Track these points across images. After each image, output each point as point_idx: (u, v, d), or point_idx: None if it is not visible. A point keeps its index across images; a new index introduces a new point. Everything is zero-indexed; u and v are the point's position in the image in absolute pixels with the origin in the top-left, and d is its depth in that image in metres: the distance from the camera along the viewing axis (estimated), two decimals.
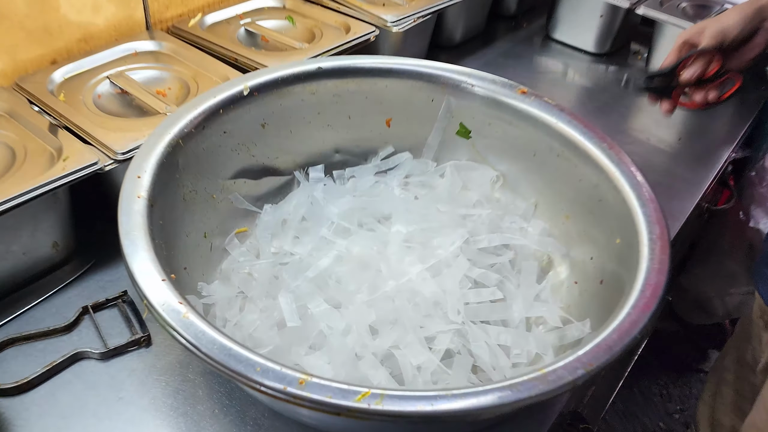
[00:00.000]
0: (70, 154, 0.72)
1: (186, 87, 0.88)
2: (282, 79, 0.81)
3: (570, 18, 1.35)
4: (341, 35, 1.02)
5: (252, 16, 1.07)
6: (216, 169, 0.77)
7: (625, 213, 0.68)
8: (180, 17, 1.02)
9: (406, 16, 1.08)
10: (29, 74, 0.85)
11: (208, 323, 0.51)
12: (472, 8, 1.28)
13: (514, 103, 0.83)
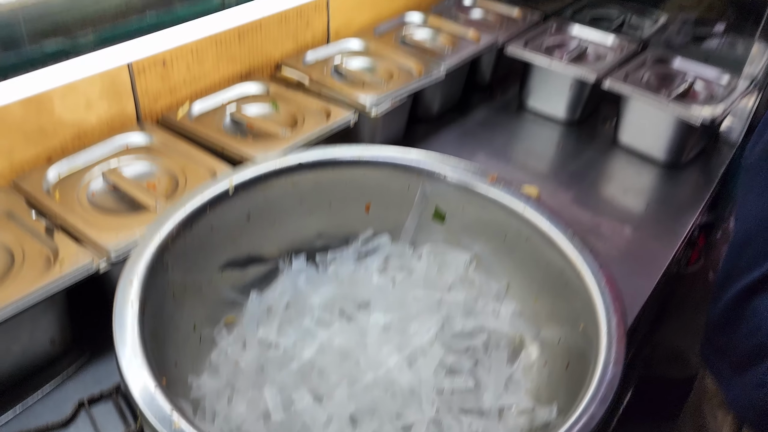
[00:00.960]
0: (66, 257, 0.76)
1: (175, 180, 0.93)
2: (265, 174, 0.86)
3: (541, 88, 1.42)
4: (322, 120, 1.08)
5: (238, 102, 1.13)
6: (204, 263, 0.82)
7: (587, 299, 0.73)
8: (169, 108, 1.08)
9: (383, 100, 1.14)
10: (26, 173, 0.90)
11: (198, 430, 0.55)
12: (448, 82, 1.35)
13: (485, 190, 0.88)
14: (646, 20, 1.60)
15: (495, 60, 1.49)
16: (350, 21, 1.40)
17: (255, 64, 1.22)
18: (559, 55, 1.39)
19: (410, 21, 1.48)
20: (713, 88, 1.31)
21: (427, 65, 1.27)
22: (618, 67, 1.34)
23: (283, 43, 1.26)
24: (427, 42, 1.41)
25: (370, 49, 1.33)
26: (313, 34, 1.32)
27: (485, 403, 0.72)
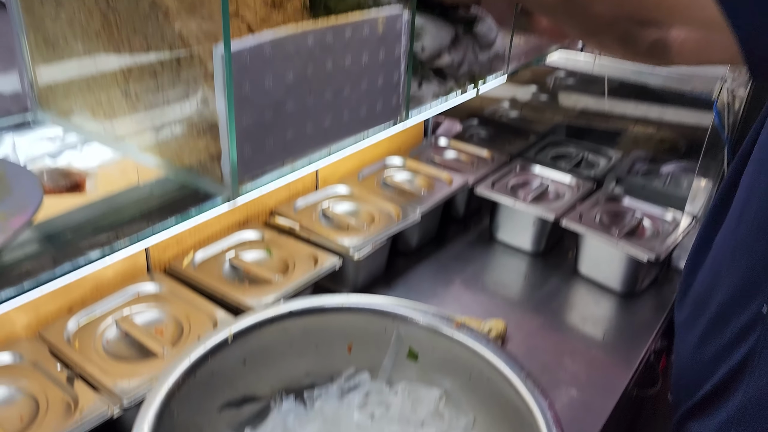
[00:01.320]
0: (85, 404, 0.87)
1: (180, 326, 1.06)
2: (260, 322, 0.99)
3: (508, 223, 1.58)
4: (310, 266, 1.22)
5: (236, 248, 1.27)
6: (205, 406, 0.93)
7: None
8: (175, 257, 1.22)
9: (365, 244, 1.29)
10: (49, 324, 1.02)
11: None
12: (425, 220, 1.50)
13: (451, 333, 1.01)
14: (601, 158, 1.79)
15: (468, 196, 1.66)
16: (337, 167, 1.58)
17: (252, 212, 1.37)
18: (523, 194, 1.56)
19: (391, 164, 1.66)
20: (659, 224, 1.47)
21: (404, 209, 1.43)
22: (574, 207, 1.51)
23: (276, 191, 1.42)
24: (405, 184, 1.59)
25: (354, 193, 1.50)
26: (303, 181, 1.49)
27: None
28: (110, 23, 0.79)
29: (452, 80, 1.19)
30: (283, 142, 0.83)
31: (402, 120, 1.06)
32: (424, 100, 1.12)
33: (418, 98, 1.11)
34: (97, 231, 0.70)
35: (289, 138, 0.84)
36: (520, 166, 1.70)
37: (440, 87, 1.16)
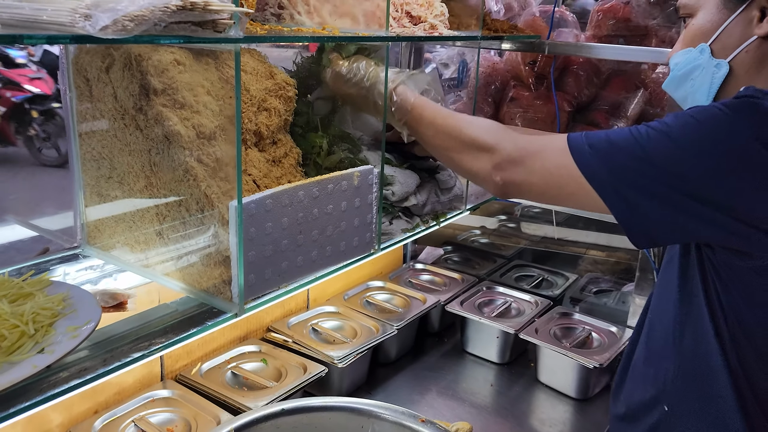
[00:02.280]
0: None
1: (188, 425, 1.25)
2: (256, 419, 1.19)
3: (477, 337, 1.79)
4: (300, 374, 1.42)
5: (236, 360, 1.48)
6: None
7: None
8: (185, 366, 1.43)
9: (348, 355, 1.50)
10: (79, 423, 1.22)
11: None
12: (402, 335, 1.72)
13: (417, 427, 1.20)
14: (558, 278, 2.04)
15: (441, 313, 1.88)
16: (325, 289, 1.82)
17: (251, 328, 1.60)
18: (488, 311, 1.79)
19: (373, 286, 1.90)
20: (605, 337, 1.69)
21: (383, 325, 1.65)
22: (532, 321, 1.73)
23: (273, 310, 1.65)
24: (385, 303, 1.82)
25: (340, 311, 1.73)
26: (296, 302, 1.73)
27: None
28: (152, 184, 1.07)
29: (418, 218, 1.47)
30: (279, 270, 1.08)
31: (375, 252, 1.31)
32: (395, 235, 1.39)
33: (390, 233, 1.38)
34: (138, 340, 0.92)
35: (283, 268, 1.09)
36: (486, 286, 1.94)
37: (408, 224, 1.44)
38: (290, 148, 1.28)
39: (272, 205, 1.04)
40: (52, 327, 0.87)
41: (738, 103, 0.91)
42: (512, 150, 1.08)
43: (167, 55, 1.03)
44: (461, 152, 1.16)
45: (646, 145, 0.93)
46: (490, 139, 1.11)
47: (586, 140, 0.99)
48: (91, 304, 0.92)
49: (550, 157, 1.02)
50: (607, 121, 2.31)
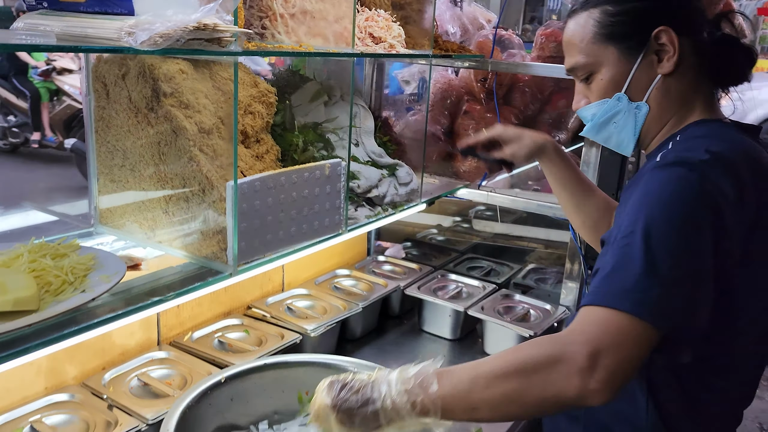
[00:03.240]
0: (123, 422, 1.27)
1: (184, 378, 1.47)
2: (243, 371, 1.41)
3: (432, 317, 2.05)
4: (278, 340, 1.66)
5: (222, 331, 1.71)
6: (204, 426, 1.33)
7: None
8: (178, 335, 1.65)
9: (320, 326, 1.74)
10: (90, 377, 1.43)
11: None
12: (366, 313, 1.96)
13: None
14: (504, 268, 2.31)
15: (401, 298, 2.13)
16: (299, 275, 2.05)
17: (234, 305, 1.82)
18: (442, 294, 2.05)
19: (340, 274, 2.15)
20: (540, 313, 1.97)
21: (350, 304, 1.89)
22: (479, 302, 1.99)
23: (252, 291, 1.88)
24: (351, 287, 2.06)
25: (312, 294, 1.97)
26: (273, 285, 1.96)
27: None
28: (160, 170, 1.30)
29: (379, 207, 1.72)
30: (265, 241, 1.32)
31: (342, 233, 1.56)
32: (359, 220, 1.64)
33: (355, 218, 1.64)
34: (153, 291, 1.15)
35: (268, 239, 1.33)
36: (441, 274, 2.20)
37: (371, 211, 1.69)
38: (271, 145, 1.53)
39: (260, 187, 1.28)
40: (86, 278, 1.10)
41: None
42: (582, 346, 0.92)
43: (174, 65, 1.28)
44: (527, 383, 0.93)
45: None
46: (550, 350, 0.94)
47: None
48: (116, 261, 1.15)
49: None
50: (549, 133, 2.61)
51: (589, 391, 0.91)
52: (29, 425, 1.27)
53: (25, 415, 1.29)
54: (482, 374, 0.95)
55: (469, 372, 0.96)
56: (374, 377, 1.01)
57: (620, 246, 0.99)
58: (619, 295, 0.95)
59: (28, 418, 1.28)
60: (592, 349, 0.91)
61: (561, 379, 0.91)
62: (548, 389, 0.92)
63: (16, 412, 1.29)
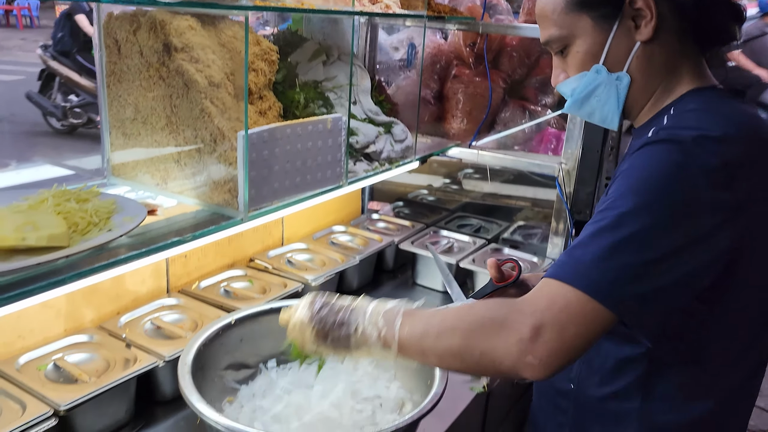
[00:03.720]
0: (140, 359, 1.36)
1: (195, 322, 1.56)
2: (251, 314, 1.50)
3: (425, 270, 2.14)
4: (282, 289, 1.74)
5: (227, 281, 1.79)
6: (216, 364, 1.42)
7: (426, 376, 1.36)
8: (186, 284, 1.73)
9: (320, 276, 1.83)
10: (106, 321, 1.51)
11: (228, 419, 1.13)
12: (362, 267, 2.05)
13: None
14: (494, 225, 2.41)
15: (395, 254, 2.23)
16: (297, 230, 2.13)
17: (237, 258, 1.90)
18: (435, 249, 2.14)
19: (337, 230, 2.23)
20: (528, 265, 2.07)
21: (347, 257, 1.98)
22: (470, 255, 2.09)
23: (254, 245, 1.96)
24: (348, 242, 2.15)
25: (310, 248, 2.05)
26: (273, 239, 2.04)
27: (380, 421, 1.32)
28: (172, 122, 1.37)
29: (376, 162, 1.80)
30: (273, 189, 1.40)
31: (343, 185, 1.64)
32: (358, 173, 1.72)
33: (354, 172, 1.72)
34: (171, 234, 1.23)
35: (276, 187, 1.41)
36: (433, 231, 2.29)
37: (368, 166, 1.77)
38: (273, 102, 1.60)
39: (268, 138, 1.36)
40: (110, 220, 1.17)
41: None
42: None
43: (183, 21, 1.34)
44: (470, 342, 0.95)
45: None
46: (499, 314, 0.94)
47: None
48: (137, 205, 1.23)
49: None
50: (536, 96, 2.70)
51: (524, 363, 0.90)
52: (52, 362, 1.35)
53: (48, 353, 1.37)
54: (435, 325, 0.99)
55: (427, 320, 1.00)
56: (355, 305, 1.10)
57: (594, 221, 0.96)
58: (574, 270, 0.92)
59: (51, 357, 1.36)
60: (536, 321, 0.90)
61: (501, 346, 0.92)
62: (487, 353, 0.93)
63: (39, 351, 1.37)
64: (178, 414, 1.42)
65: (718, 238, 0.94)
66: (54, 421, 1.17)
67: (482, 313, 0.96)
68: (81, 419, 1.26)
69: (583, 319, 0.90)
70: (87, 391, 1.23)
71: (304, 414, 1.31)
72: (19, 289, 0.97)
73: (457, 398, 1.51)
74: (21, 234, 1.00)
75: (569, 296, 0.91)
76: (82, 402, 1.22)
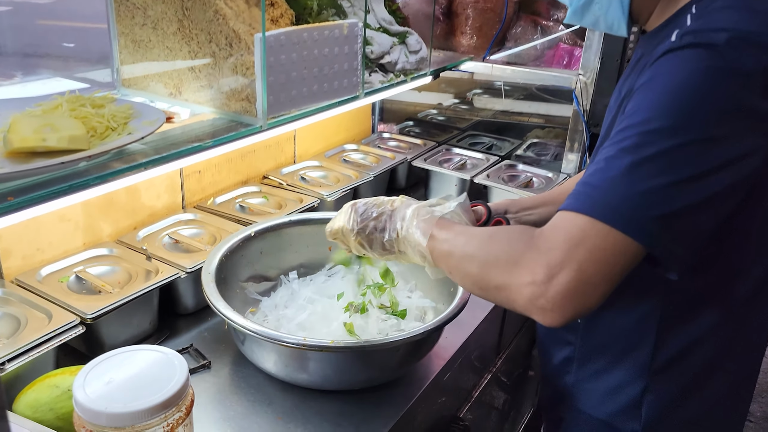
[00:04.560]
0: (162, 271, 1.35)
1: (213, 236, 1.55)
2: (271, 226, 1.49)
3: (438, 187, 2.13)
4: (298, 204, 1.73)
5: (242, 197, 1.77)
6: (237, 275, 1.41)
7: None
8: (201, 200, 1.71)
9: (334, 192, 1.81)
10: (124, 235, 1.49)
11: (256, 323, 1.13)
12: (375, 184, 2.03)
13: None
14: (506, 143, 2.38)
15: (407, 171, 2.20)
16: (309, 148, 2.10)
17: (251, 175, 1.88)
18: (447, 165, 2.11)
19: (348, 149, 2.20)
20: (543, 180, 2.05)
21: (360, 173, 1.96)
22: (484, 171, 2.07)
23: (267, 162, 1.93)
24: (360, 160, 2.12)
25: (323, 165, 2.02)
26: (285, 157, 2.01)
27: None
28: (184, 26, 1.31)
29: (391, 73, 1.75)
30: (290, 97, 1.36)
31: (359, 96, 1.60)
32: (374, 85, 1.67)
33: (370, 83, 1.67)
34: (189, 140, 1.19)
35: (293, 95, 1.37)
36: (445, 148, 2.26)
37: (384, 77, 1.72)
38: (285, 9, 1.53)
39: (285, 41, 1.30)
40: (128, 125, 1.14)
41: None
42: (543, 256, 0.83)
43: None
44: (486, 274, 0.91)
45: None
46: (515, 249, 0.88)
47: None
48: (154, 110, 1.19)
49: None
50: (548, 11, 2.60)
51: (536, 307, 0.83)
52: (74, 275, 1.34)
53: (69, 266, 1.36)
54: (459, 246, 0.96)
55: (454, 239, 0.97)
56: (395, 208, 1.10)
57: (612, 142, 0.85)
58: (591, 199, 0.82)
59: (72, 269, 1.35)
60: (550, 260, 0.81)
61: (514, 285, 0.85)
62: (502, 289, 0.88)
63: (60, 264, 1.36)
64: (201, 326, 1.42)
65: (755, 155, 0.84)
66: (81, 329, 1.17)
67: (500, 245, 0.91)
68: (107, 328, 1.26)
69: (603, 254, 0.80)
70: (112, 301, 1.23)
71: (330, 322, 1.31)
72: (41, 191, 0.94)
73: (476, 308, 1.51)
74: (41, 135, 0.97)
75: (587, 228, 0.81)
76: (108, 311, 1.21)
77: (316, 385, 1.22)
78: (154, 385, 0.91)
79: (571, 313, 0.82)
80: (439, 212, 1.06)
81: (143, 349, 0.98)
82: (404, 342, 1.14)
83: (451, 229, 1.00)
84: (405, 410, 1.22)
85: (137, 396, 0.89)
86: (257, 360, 1.22)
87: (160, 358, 0.97)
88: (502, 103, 2.41)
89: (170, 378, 0.93)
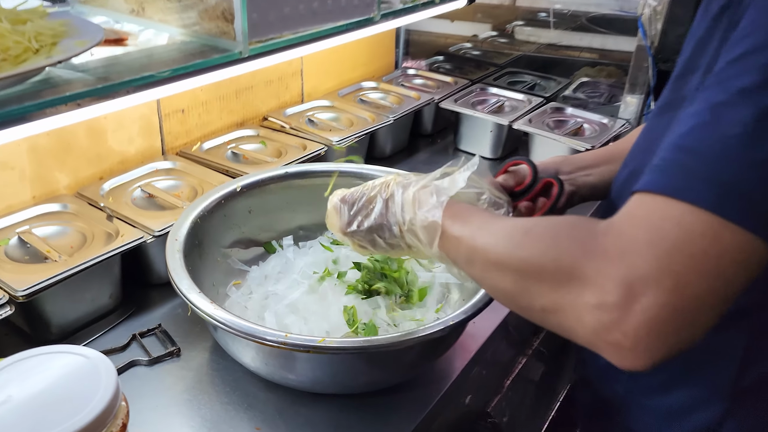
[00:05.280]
0: (125, 234, 1.09)
1: (194, 190, 1.28)
2: (262, 180, 1.21)
3: (470, 133, 1.81)
4: (300, 152, 1.44)
5: (235, 142, 1.49)
6: (219, 240, 1.15)
7: None
8: (185, 145, 1.43)
9: (346, 138, 1.51)
10: (86, 186, 1.23)
11: (226, 311, 0.87)
12: (396, 129, 1.73)
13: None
14: (551, 83, 2.03)
15: (434, 114, 1.89)
16: (319, 86, 1.80)
17: (247, 116, 1.59)
18: (482, 108, 1.80)
19: (366, 86, 1.89)
20: (596, 127, 1.72)
21: (379, 116, 1.66)
22: (525, 115, 1.75)
23: (268, 101, 1.64)
24: (379, 100, 1.81)
25: (335, 105, 1.72)
26: (290, 95, 1.71)
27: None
28: None
29: None
30: (282, 15, 1.05)
31: (375, 18, 1.28)
32: (393, 5, 1.35)
33: (388, 2, 1.34)
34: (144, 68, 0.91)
35: (286, 13, 1.06)
36: (479, 88, 1.93)
37: None
38: None
39: None
40: (56, 45, 0.85)
41: None
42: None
43: None
44: (524, 290, 0.63)
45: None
46: (566, 255, 0.58)
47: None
48: (94, 28, 0.90)
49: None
50: None
51: (606, 342, 0.54)
52: (16, 236, 1.09)
53: (11, 225, 1.11)
54: (481, 249, 0.68)
55: (473, 238, 0.70)
56: (390, 194, 0.86)
57: (721, 79, 0.56)
58: (692, 173, 0.54)
59: (14, 229, 1.10)
60: (631, 271, 0.52)
61: (569, 307, 0.56)
62: (551, 313, 0.59)
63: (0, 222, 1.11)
64: (176, 299, 1.17)
65: None
66: (9, 309, 0.92)
67: (543, 246, 0.61)
68: (51, 306, 1.02)
69: (714, 262, 0.51)
70: (53, 273, 0.98)
71: (329, 304, 1.05)
72: None
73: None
74: None
75: (686, 222, 0.52)
76: (47, 285, 0.96)
77: (305, 388, 0.97)
78: (67, 405, 0.66)
79: (664, 353, 0.53)
80: (449, 190, 0.80)
81: (59, 352, 0.73)
82: (417, 341, 0.87)
83: (467, 221, 0.73)
84: (420, 419, 0.96)
85: (43, 421, 0.65)
86: (233, 353, 0.96)
87: (82, 364, 0.72)
88: (549, 36, 2.06)
89: (91, 394, 0.68)
